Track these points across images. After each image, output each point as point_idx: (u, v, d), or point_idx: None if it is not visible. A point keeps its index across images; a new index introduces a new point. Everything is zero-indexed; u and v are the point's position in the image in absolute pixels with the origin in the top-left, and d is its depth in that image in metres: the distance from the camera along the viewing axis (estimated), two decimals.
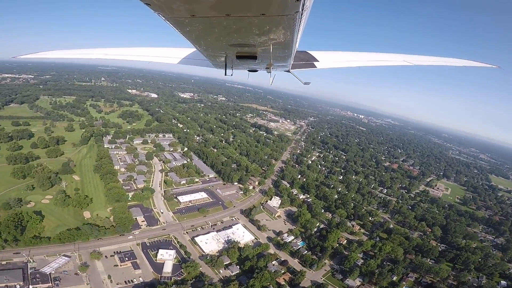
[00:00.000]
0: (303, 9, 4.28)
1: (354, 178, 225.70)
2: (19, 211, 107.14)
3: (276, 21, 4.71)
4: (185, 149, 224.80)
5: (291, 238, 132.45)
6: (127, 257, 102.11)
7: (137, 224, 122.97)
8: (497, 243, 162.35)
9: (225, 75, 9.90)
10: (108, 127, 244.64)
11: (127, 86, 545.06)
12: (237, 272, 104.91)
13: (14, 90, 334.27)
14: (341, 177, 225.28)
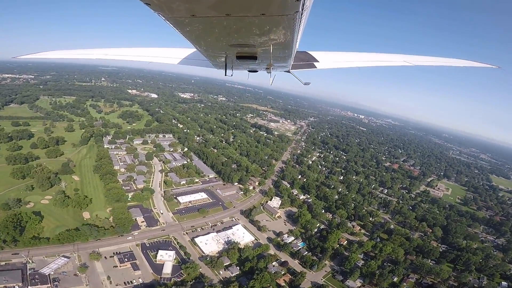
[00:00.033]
0: (303, 9, 4.28)
1: (354, 178, 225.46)
2: (18, 211, 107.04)
3: (276, 21, 4.71)
4: (185, 149, 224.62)
5: (291, 238, 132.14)
6: (126, 258, 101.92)
7: (136, 224, 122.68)
8: (498, 243, 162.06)
9: (225, 75, 9.89)
10: (108, 127, 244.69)
11: (127, 86, 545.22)
12: (237, 273, 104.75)
13: (14, 90, 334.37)
14: (342, 178, 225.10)
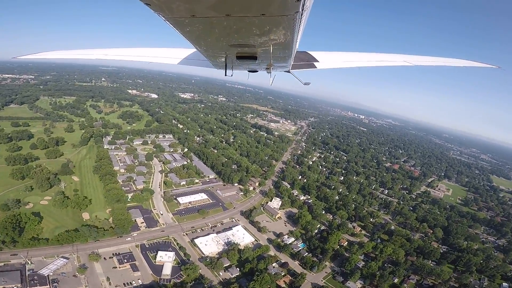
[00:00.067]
0: (303, 9, 4.27)
1: (355, 179, 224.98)
2: (18, 212, 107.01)
3: (276, 21, 4.70)
4: (185, 150, 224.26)
5: (292, 239, 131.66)
6: (126, 259, 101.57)
7: (136, 225, 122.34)
8: (498, 244, 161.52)
9: (225, 75, 9.91)
10: (108, 127, 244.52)
11: (127, 86, 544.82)
12: (237, 274, 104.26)
13: (14, 90, 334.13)
14: (342, 178, 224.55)
